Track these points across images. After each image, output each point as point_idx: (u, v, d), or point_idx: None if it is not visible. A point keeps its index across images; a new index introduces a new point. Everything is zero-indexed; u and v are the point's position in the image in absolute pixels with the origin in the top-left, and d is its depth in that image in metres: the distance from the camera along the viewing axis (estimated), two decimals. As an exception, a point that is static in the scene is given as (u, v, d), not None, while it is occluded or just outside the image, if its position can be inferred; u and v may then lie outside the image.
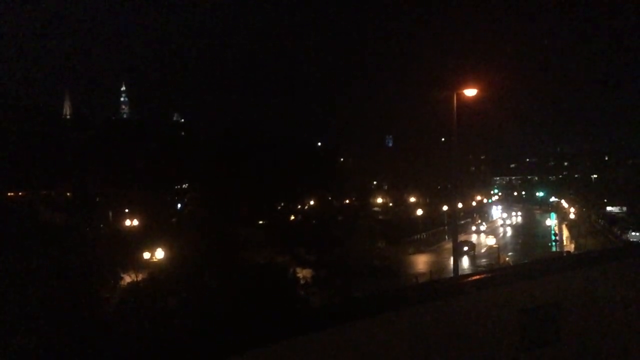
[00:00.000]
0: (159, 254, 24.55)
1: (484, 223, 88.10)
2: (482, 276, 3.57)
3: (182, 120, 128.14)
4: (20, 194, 57.28)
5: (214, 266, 19.69)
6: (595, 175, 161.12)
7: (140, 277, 18.98)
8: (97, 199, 50.94)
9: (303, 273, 26.36)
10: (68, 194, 53.55)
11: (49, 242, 19.99)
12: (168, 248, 23.84)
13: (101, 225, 40.90)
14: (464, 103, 24.82)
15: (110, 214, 48.82)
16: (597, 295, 3.49)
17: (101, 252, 20.20)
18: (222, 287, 18.47)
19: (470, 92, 23.16)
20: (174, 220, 44.04)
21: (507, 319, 3.10)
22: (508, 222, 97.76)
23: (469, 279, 3.34)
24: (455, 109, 22.90)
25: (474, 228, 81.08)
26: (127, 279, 20.41)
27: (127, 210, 48.43)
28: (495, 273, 3.94)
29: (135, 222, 41.17)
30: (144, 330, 14.59)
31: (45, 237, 20.66)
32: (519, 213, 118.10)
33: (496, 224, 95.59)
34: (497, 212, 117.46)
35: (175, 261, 20.75)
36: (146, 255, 25.52)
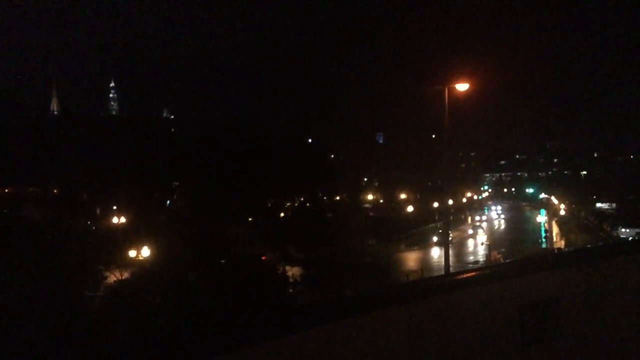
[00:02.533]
0: (145, 252, 24.16)
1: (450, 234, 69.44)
2: (482, 272, 3.59)
3: (172, 116, 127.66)
4: (6, 190, 56.62)
5: (200, 264, 19.33)
6: (584, 172, 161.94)
7: (125, 275, 18.60)
8: (85, 196, 50.26)
9: (292, 271, 26.02)
10: (55, 191, 52.93)
11: (32, 239, 19.56)
12: (154, 246, 23.42)
13: (88, 222, 40.30)
14: (454, 100, 24.58)
15: (98, 210, 48.21)
16: (596, 291, 3.50)
17: (85, 250, 19.77)
18: (208, 285, 18.13)
19: (461, 87, 22.87)
20: (162, 217, 43.53)
21: (507, 315, 3.11)
22: (481, 235, 71.53)
23: (468, 275, 3.35)
24: (446, 103, 22.60)
25: (435, 239, 60.87)
26: (113, 277, 20.00)
27: (114, 207, 47.84)
28: (495, 269, 3.96)
29: (123, 220, 40.59)
30: (128, 330, 14.24)
31: (28, 233, 20.23)
32: (502, 216, 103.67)
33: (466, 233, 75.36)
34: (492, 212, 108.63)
35: (160, 259, 20.37)
36: (133, 253, 25.12)
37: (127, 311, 15.38)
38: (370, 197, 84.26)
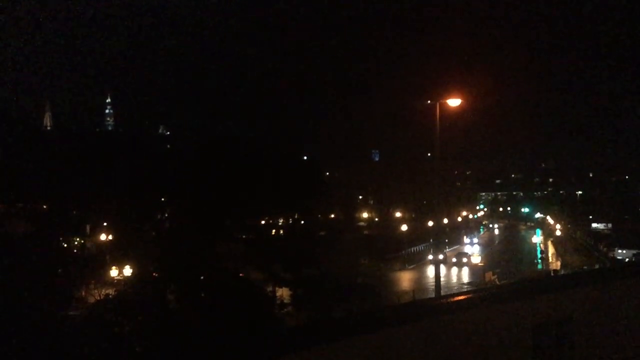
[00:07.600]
0: (127, 271, 23.47)
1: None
2: (495, 292, 3.65)
3: (168, 133, 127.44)
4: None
5: (183, 284, 18.64)
6: (580, 192, 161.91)
7: (103, 295, 17.89)
8: (74, 212, 49.14)
9: (282, 292, 25.27)
10: (44, 206, 52.14)
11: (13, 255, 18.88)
12: (138, 264, 22.76)
13: (77, 239, 39.35)
14: (450, 120, 24.25)
15: (88, 227, 47.21)
16: (608, 311, 3.48)
17: (67, 268, 19.09)
18: (190, 307, 17.47)
19: (453, 102, 22.46)
20: (152, 234, 42.65)
21: (520, 334, 3.08)
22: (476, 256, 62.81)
23: (481, 294, 3.43)
24: (437, 118, 22.21)
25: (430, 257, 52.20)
26: (93, 298, 19.26)
27: (105, 224, 46.87)
28: (506, 289, 3.98)
29: (111, 237, 39.78)
30: (101, 356, 13.56)
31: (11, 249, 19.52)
32: (474, 253, 68.09)
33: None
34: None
35: (141, 279, 19.70)
36: (114, 272, 24.42)
37: (102, 335, 14.71)
38: (365, 215, 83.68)
